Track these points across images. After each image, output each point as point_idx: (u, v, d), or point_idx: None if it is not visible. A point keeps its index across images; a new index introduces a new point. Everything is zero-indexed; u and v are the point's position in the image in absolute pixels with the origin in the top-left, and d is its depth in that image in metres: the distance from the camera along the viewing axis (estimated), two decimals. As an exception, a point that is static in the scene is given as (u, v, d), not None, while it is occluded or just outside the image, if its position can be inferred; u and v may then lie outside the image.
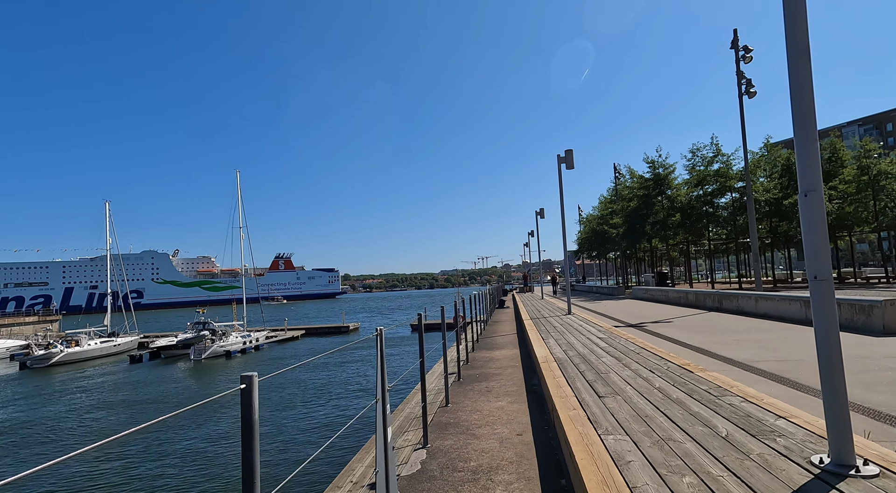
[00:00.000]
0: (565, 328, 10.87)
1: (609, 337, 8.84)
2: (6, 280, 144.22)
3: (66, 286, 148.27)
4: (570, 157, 14.89)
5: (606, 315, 15.85)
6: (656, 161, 32.14)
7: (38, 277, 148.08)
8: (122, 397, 19.74)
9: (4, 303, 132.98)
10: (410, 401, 6.57)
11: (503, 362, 8.89)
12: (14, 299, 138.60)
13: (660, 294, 22.07)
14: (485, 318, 16.24)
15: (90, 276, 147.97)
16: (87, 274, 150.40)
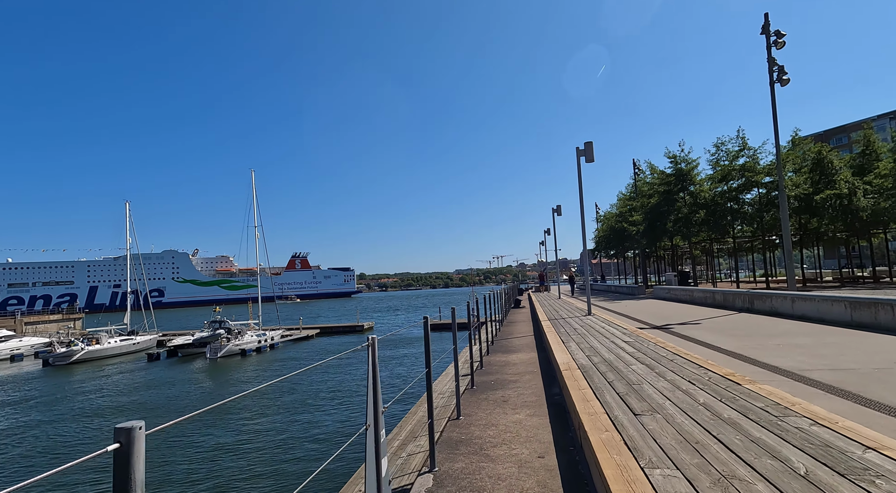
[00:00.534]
0: (587, 331, 10.17)
1: (636, 341, 8.13)
2: (35, 279, 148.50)
3: (90, 285, 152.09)
4: (590, 149, 14.15)
5: (629, 316, 15.04)
6: (678, 156, 30.99)
7: (65, 276, 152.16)
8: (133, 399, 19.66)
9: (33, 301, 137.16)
10: (416, 412, 5.99)
11: (520, 368, 8.26)
12: (42, 298, 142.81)
13: (683, 294, 21.10)
14: (500, 318, 15.60)
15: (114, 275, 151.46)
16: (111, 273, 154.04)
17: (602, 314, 14.46)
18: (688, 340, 9.20)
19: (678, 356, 6.44)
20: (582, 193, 14.25)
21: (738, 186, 29.56)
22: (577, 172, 14.29)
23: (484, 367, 8.42)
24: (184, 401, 18.77)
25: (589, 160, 14.11)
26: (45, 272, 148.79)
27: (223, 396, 19.60)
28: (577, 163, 14.32)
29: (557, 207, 27.38)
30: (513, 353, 10.00)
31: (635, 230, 32.85)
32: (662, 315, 15.01)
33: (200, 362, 30.86)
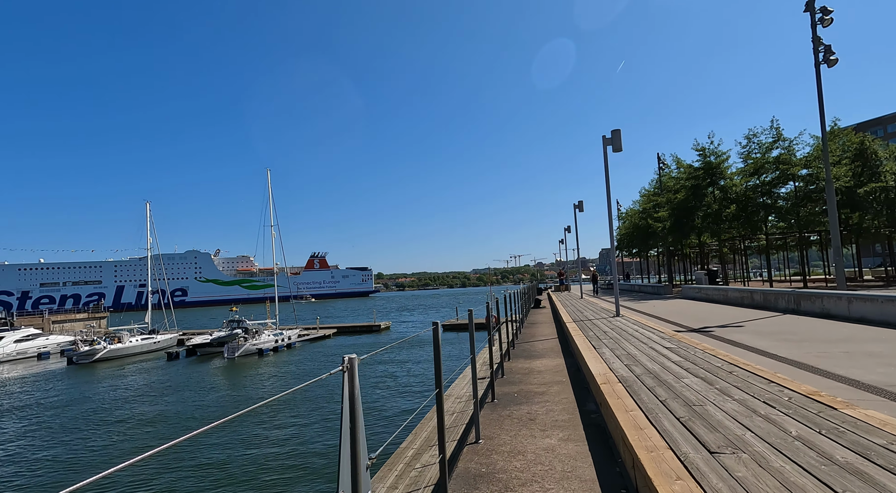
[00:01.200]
0: (618, 334, 9.18)
1: (679, 347, 7.13)
2: (65, 279, 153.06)
3: (117, 285, 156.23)
4: (618, 138, 13.09)
5: (661, 317, 13.92)
6: (707, 148, 29.41)
7: (93, 275, 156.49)
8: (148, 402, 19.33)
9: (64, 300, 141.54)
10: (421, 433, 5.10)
11: (546, 376, 7.33)
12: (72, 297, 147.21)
13: (716, 293, 19.77)
14: (520, 319, 14.65)
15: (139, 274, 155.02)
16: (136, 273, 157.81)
17: (631, 315, 13.39)
18: (736, 345, 8.13)
19: (736, 367, 5.43)
20: (609, 184, 13.21)
21: (772, 180, 27.90)
22: (604, 162, 13.26)
23: (505, 375, 7.52)
24: (197, 404, 18.36)
25: (616, 149, 13.06)
26: (75, 272, 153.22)
27: (236, 398, 19.20)
28: (603, 152, 13.29)
29: (579, 203, 26.25)
30: (536, 358, 9.06)
31: (661, 227, 31.38)
32: (697, 317, 13.85)
33: (218, 361, 30.81)
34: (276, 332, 38.48)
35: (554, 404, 5.61)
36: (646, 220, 36.98)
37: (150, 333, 43.50)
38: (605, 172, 13.27)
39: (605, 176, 13.26)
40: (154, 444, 13.54)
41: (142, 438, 14.10)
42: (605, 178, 13.28)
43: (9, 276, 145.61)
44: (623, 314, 13.26)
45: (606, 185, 13.26)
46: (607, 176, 13.27)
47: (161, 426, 15.36)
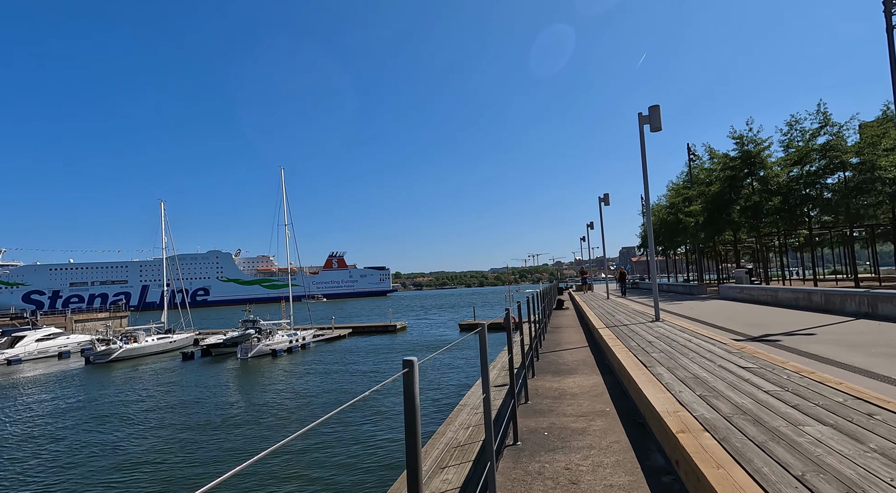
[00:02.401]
0: (668, 345, 7.44)
1: (760, 366, 5.40)
2: (93, 278, 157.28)
3: (142, 284, 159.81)
4: (657, 115, 11.28)
5: (706, 322, 12.08)
6: (745, 136, 27.06)
7: (119, 275, 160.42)
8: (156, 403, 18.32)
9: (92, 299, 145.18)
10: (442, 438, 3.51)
11: (583, 403, 5.69)
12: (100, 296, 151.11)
13: (764, 294, 17.68)
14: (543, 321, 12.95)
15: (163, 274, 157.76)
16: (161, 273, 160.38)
17: (672, 320, 11.59)
18: (830, 363, 6.34)
19: (874, 407, 3.71)
20: (646, 167, 11.42)
21: (818, 170, 25.45)
22: (640, 143, 11.47)
23: (529, 400, 5.90)
24: (206, 407, 17.25)
25: (655, 128, 11.26)
26: (102, 272, 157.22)
27: (249, 401, 18.15)
28: (639, 131, 11.51)
29: (605, 196, 24.32)
30: (566, 375, 7.40)
31: (693, 222, 29.12)
32: (749, 321, 11.95)
33: (232, 362, 30.16)
34: (290, 332, 37.77)
35: (602, 453, 3.98)
36: (675, 214, 34.65)
37: (166, 332, 43.35)
38: (642, 154, 11.49)
39: (642, 158, 11.48)
40: (157, 446, 12.54)
41: (144, 441, 13.12)
42: (641, 161, 11.50)
43: (41, 276, 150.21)
44: (663, 318, 11.46)
45: (643, 168, 11.47)
46: (644, 158, 11.48)
47: (165, 430, 14.33)
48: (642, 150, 11.51)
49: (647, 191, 11.42)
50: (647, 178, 11.46)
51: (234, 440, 12.99)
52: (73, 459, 11.95)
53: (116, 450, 12.52)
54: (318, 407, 16.57)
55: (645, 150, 11.53)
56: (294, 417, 15.32)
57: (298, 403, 17.48)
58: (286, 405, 16.98)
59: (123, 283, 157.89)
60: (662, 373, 5.35)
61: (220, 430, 14.11)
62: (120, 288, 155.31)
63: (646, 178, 11.45)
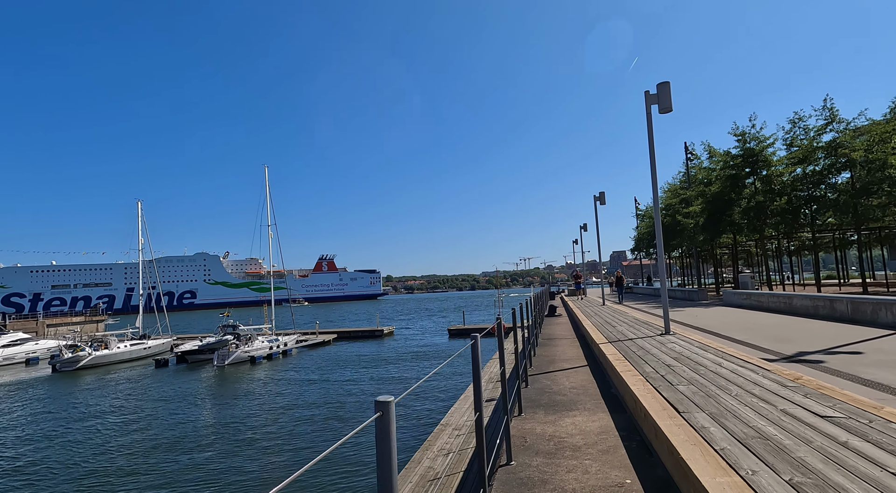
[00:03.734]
0: (695, 372, 5.74)
1: (847, 414, 3.71)
2: (76, 281, 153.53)
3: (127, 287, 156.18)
4: (667, 94, 9.65)
5: (721, 335, 10.43)
6: (748, 133, 25.66)
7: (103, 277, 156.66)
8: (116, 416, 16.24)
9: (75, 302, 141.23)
10: None
11: (590, 466, 3.95)
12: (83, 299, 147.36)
13: (775, 301, 16.12)
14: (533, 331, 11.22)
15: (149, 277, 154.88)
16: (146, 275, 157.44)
17: (684, 332, 9.92)
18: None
19: None
20: (653, 152, 9.76)
21: (824, 169, 24.09)
22: (647, 125, 9.83)
23: (513, 461, 4.13)
24: (164, 424, 15.29)
25: (664, 109, 9.63)
26: (85, 274, 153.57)
27: (214, 417, 16.31)
28: (646, 112, 9.87)
29: (600, 195, 22.73)
30: (564, 412, 5.66)
31: (692, 223, 27.64)
32: (770, 333, 10.32)
33: (207, 370, 28.37)
34: (271, 338, 35.94)
35: None
36: (672, 216, 33.25)
37: (140, 338, 41.17)
38: (649, 139, 9.84)
39: (650, 143, 9.82)
40: (97, 471, 10.65)
41: (92, 462, 11.17)
42: (648, 147, 9.84)
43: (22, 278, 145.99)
44: (674, 331, 9.78)
45: (651, 154, 9.81)
46: (651, 144, 9.83)
47: (118, 449, 12.42)
48: (649, 133, 9.86)
49: (655, 178, 9.76)
50: (655, 165, 9.80)
51: (177, 468, 11.10)
52: None
53: (50, 473, 10.64)
54: (287, 424, 14.77)
55: (652, 133, 9.89)
56: (256, 437, 13.45)
57: (265, 419, 15.63)
58: (251, 423, 15.11)
59: (108, 285, 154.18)
60: (708, 427, 3.62)
61: (169, 452, 12.26)
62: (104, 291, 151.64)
63: (653, 164, 9.80)
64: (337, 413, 15.91)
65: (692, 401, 4.39)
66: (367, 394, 18.84)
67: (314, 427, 14.28)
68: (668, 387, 5.02)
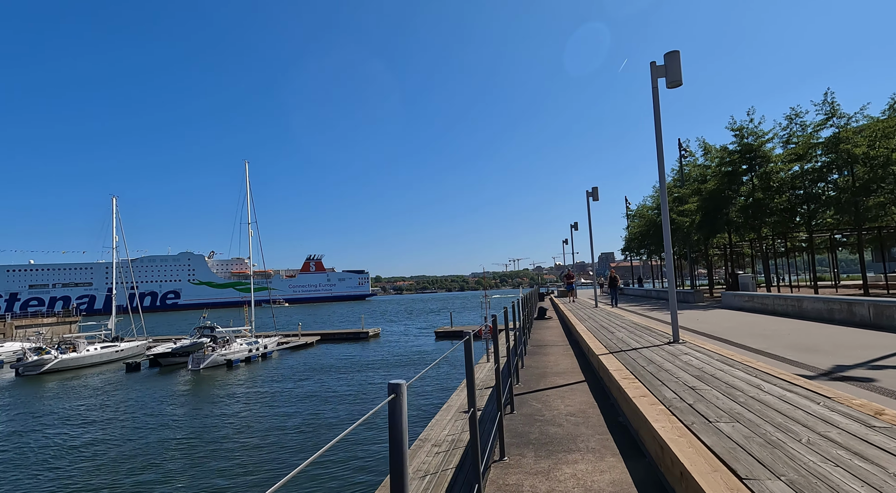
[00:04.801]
0: (731, 398, 4.37)
1: None
2: (55, 280, 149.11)
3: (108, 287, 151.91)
4: (676, 65, 8.32)
5: (733, 342, 9.13)
6: (745, 128, 24.61)
7: (84, 277, 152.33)
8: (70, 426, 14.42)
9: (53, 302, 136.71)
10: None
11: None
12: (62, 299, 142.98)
13: (782, 304, 14.93)
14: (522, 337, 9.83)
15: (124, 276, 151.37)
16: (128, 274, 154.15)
17: (691, 339, 8.61)
18: None
19: None
20: (660, 131, 8.41)
21: (822, 166, 23.14)
22: (653, 100, 8.48)
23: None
24: (122, 435, 13.59)
25: (673, 82, 8.29)
26: (65, 274, 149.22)
27: (188, 424, 14.70)
28: (652, 87, 8.53)
29: (593, 191, 21.44)
30: (563, 454, 4.23)
31: (688, 222, 26.54)
32: (789, 341, 9.05)
33: (182, 374, 26.75)
34: (250, 340, 34.24)
35: None
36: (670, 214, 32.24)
37: (113, 340, 39.13)
38: (655, 116, 8.49)
39: (656, 122, 8.48)
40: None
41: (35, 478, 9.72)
42: (655, 126, 8.50)
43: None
44: (684, 339, 8.44)
45: (657, 133, 8.46)
46: (657, 118, 8.48)
47: (69, 464, 10.80)
48: (656, 112, 8.51)
49: (662, 164, 8.40)
50: (662, 147, 8.45)
51: (131, 485, 9.52)
52: None
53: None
54: (259, 435, 13.27)
55: (659, 112, 8.54)
56: (223, 449, 11.88)
57: (235, 429, 14.07)
58: (218, 434, 13.54)
59: (88, 285, 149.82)
60: (760, 479, 2.22)
61: (125, 467, 10.68)
62: (84, 291, 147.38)
63: (660, 147, 8.44)
64: (312, 424, 14.42)
65: (751, 454, 2.99)
66: (345, 403, 17.30)
67: (287, 439, 12.81)
68: (704, 425, 3.63)
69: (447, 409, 8.30)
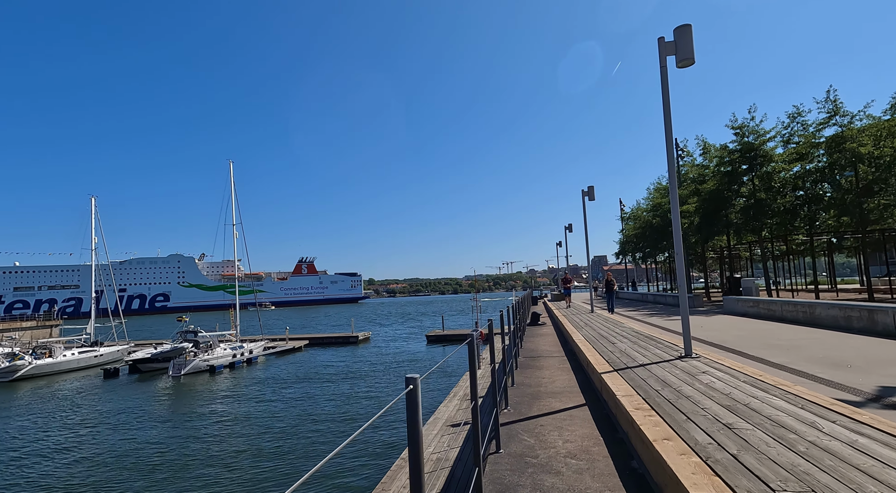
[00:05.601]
0: (787, 444, 3.30)
1: None
2: (41, 283, 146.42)
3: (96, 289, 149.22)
4: (688, 40, 7.29)
5: (749, 355, 8.10)
6: (746, 126, 23.76)
7: (71, 279, 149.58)
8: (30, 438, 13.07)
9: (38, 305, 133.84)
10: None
11: None
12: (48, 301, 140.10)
13: (792, 310, 13.95)
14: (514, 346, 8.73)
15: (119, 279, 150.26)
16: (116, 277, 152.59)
17: (704, 352, 7.56)
18: None
19: None
20: (669, 116, 7.38)
21: (825, 166, 22.33)
22: (661, 80, 7.44)
23: None
24: (83, 451, 12.30)
25: (683, 61, 7.26)
26: (51, 276, 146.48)
27: (162, 436, 13.45)
28: (660, 64, 7.49)
29: (589, 190, 20.42)
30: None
31: (686, 223, 25.64)
32: (811, 354, 8.03)
33: (162, 381, 25.60)
34: (235, 345, 33.03)
35: None
36: (661, 217, 31.34)
37: (92, 345, 37.71)
38: (664, 97, 7.45)
39: (664, 102, 7.43)
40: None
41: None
42: (663, 107, 7.46)
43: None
44: (698, 352, 7.38)
45: (665, 117, 7.42)
46: (666, 102, 7.44)
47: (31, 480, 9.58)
48: (664, 92, 7.46)
49: (672, 147, 7.42)
50: (671, 131, 7.40)
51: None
52: None
53: None
54: (238, 448, 12.07)
55: (668, 93, 7.50)
56: (195, 463, 10.66)
57: (212, 441, 12.85)
58: (194, 447, 12.32)
59: (75, 287, 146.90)
60: None
61: (90, 483, 9.45)
62: (71, 293, 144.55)
63: (669, 131, 7.39)
64: (293, 437, 13.22)
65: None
66: (326, 421, 16.04)
67: (267, 454, 11.64)
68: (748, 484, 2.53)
69: (434, 422, 7.33)
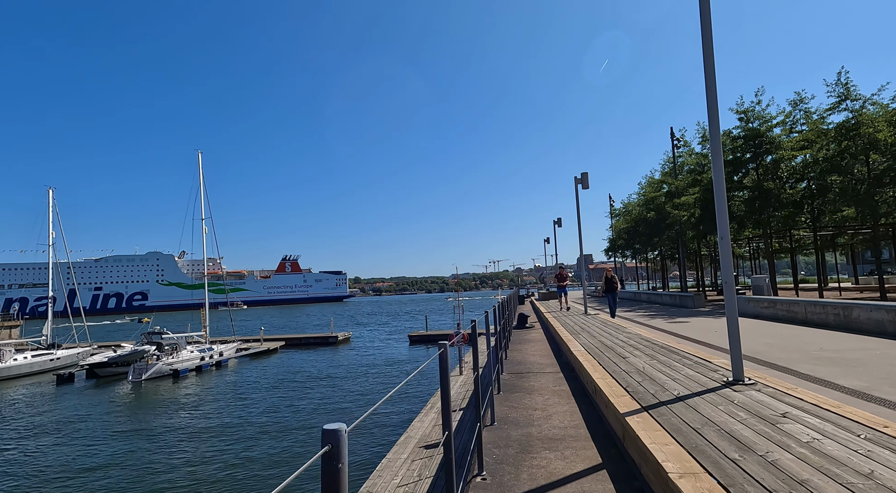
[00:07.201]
0: None
1: None
2: (11, 281, 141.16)
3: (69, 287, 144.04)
4: None
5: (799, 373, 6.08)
6: (752, 110, 21.96)
7: (43, 278, 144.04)
8: None
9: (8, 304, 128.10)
10: None
11: None
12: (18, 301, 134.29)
13: (820, 312, 12.02)
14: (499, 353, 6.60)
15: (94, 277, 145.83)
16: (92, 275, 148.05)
17: (757, 375, 5.52)
18: None
19: None
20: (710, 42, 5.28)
21: (835, 154, 20.62)
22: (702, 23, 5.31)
23: None
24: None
25: None
26: (22, 274, 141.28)
27: (113, 451, 11.81)
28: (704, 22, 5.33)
29: (583, 176, 18.37)
30: None
31: (686, 216, 23.77)
32: (879, 373, 6.03)
33: (121, 386, 23.66)
34: (203, 347, 30.67)
35: None
36: (656, 211, 29.53)
37: (49, 347, 34.92)
38: (703, 15, 5.32)
39: (704, 22, 5.31)
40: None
41: None
42: (702, 32, 5.34)
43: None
44: (750, 376, 5.31)
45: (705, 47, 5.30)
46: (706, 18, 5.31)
47: None
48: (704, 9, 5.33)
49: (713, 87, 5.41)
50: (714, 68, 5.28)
51: None
52: None
53: None
54: (195, 464, 9.95)
55: (709, 7, 5.37)
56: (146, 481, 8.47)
57: (167, 455, 10.69)
58: (148, 461, 10.15)
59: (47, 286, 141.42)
60: None
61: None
62: (43, 292, 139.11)
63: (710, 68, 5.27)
64: (260, 452, 11.08)
65: None
66: (299, 426, 13.89)
67: (229, 472, 9.52)
68: None
69: (405, 442, 5.83)
